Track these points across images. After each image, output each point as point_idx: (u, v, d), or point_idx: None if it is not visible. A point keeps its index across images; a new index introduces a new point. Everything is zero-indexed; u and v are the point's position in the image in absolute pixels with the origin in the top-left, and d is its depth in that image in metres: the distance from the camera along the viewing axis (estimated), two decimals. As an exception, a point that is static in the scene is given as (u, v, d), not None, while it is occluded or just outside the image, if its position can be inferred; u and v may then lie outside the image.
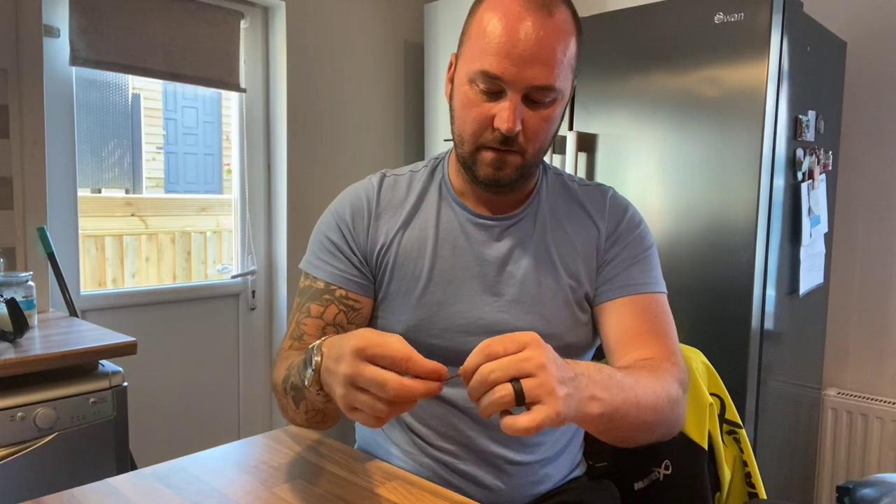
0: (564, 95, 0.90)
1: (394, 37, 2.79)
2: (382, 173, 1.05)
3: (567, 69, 0.88)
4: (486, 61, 0.85)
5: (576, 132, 1.94)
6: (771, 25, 1.60)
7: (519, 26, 0.84)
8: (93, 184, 2.27)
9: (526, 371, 0.62)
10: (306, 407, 0.85)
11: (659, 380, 0.84)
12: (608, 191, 1.05)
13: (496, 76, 0.85)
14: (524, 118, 0.87)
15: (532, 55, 0.84)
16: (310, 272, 1.00)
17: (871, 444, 2.10)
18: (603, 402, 0.70)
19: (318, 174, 2.55)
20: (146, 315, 2.23)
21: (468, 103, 0.89)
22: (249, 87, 2.43)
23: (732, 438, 1.09)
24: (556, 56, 0.85)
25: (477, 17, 0.89)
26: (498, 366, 0.62)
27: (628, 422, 0.76)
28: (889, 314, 2.12)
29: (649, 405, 0.79)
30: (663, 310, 0.96)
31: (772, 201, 1.69)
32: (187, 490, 0.85)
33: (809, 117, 1.84)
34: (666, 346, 0.92)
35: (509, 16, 0.84)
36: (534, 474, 0.98)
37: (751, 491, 1.09)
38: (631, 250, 0.98)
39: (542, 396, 0.61)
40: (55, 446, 1.41)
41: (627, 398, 0.75)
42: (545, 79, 0.85)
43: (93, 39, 1.99)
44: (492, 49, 0.85)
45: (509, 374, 0.62)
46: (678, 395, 0.86)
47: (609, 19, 1.91)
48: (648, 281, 0.97)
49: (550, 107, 0.89)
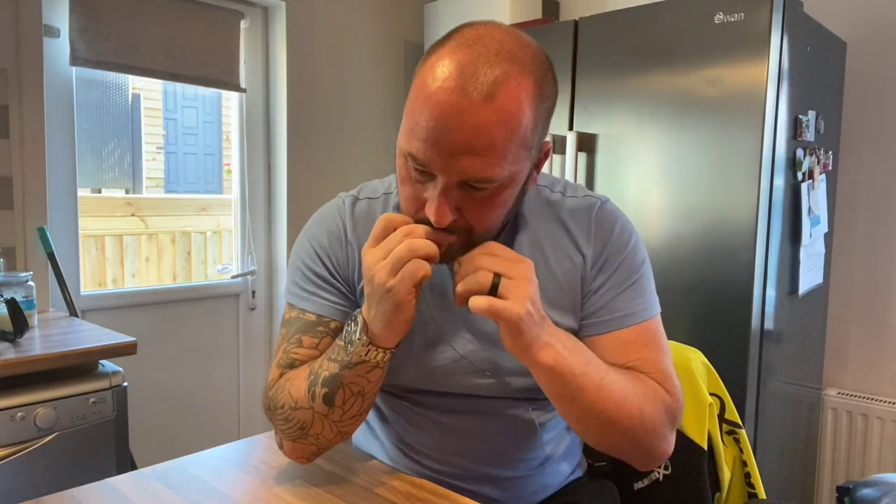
0: (515, 178, 0.77)
1: (394, 37, 2.79)
2: (353, 196, 0.97)
3: (518, 150, 0.74)
4: (413, 144, 0.74)
5: (576, 132, 1.94)
6: (771, 25, 1.60)
7: (450, 112, 0.71)
8: (93, 184, 2.27)
9: (509, 274, 0.71)
10: (343, 397, 0.83)
11: (638, 387, 0.82)
12: (595, 205, 0.92)
13: (423, 164, 0.74)
14: (460, 204, 0.76)
15: (464, 147, 0.71)
16: (296, 304, 0.93)
17: (871, 444, 2.10)
18: (559, 356, 0.76)
19: (318, 174, 2.55)
20: (146, 315, 2.23)
21: (403, 178, 0.80)
22: (249, 87, 2.43)
23: (732, 438, 1.09)
24: (495, 146, 0.72)
25: (418, 77, 0.76)
26: (489, 260, 0.72)
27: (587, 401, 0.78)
28: (889, 314, 2.12)
29: (614, 397, 0.79)
30: (654, 336, 0.89)
31: (772, 201, 1.69)
32: (187, 490, 0.85)
33: (809, 117, 1.84)
34: (659, 372, 0.87)
35: (442, 94, 0.71)
36: (533, 485, 0.97)
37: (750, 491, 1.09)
38: (618, 277, 0.89)
39: (513, 297, 0.71)
40: (55, 446, 1.41)
41: (589, 373, 0.78)
42: (480, 172, 0.73)
43: (93, 39, 1.99)
44: (420, 132, 0.73)
45: (495, 269, 0.71)
46: (658, 419, 0.82)
47: (609, 19, 1.91)
48: (637, 309, 0.89)
49: (495, 192, 0.76)
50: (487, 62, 0.71)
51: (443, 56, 0.74)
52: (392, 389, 0.97)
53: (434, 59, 0.75)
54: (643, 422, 0.82)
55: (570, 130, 1.97)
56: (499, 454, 0.94)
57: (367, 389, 0.84)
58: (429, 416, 0.94)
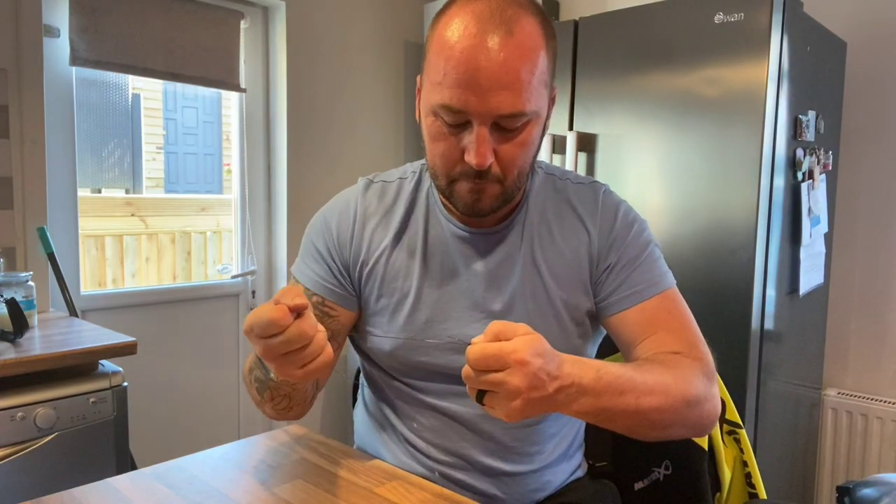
0: (539, 115, 0.85)
1: (394, 37, 2.79)
2: (369, 179, 1.02)
3: (539, 86, 0.82)
4: (446, 94, 0.79)
5: (576, 132, 1.94)
6: (771, 25, 1.60)
7: (477, 52, 0.77)
8: (93, 184, 2.27)
9: (492, 388, 0.70)
10: (271, 395, 0.91)
11: (676, 379, 0.82)
12: (601, 189, 0.99)
13: (459, 110, 0.80)
14: (496, 148, 0.82)
15: (495, 83, 0.78)
16: (295, 275, 1.00)
17: (871, 444, 2.10)
18: (582, 406, 0.75)
19: (318, 174, 2.55)
20: (146, 315, 2.23)
21: (435, 136, 0.84)
22: (249, 87, 2.43)
23: (732, 438, 1.09)
24: (521, 79, 0.79)
25: (434, 40, 0.82)
26: (475, 381, 0.71)
27: (628, 422, 0.78)
28: (889, 314, 2.12)
29: (655, 403, 0.78)
30: (675, 305, 0.93)
31: (772, 201, 1.69)
32: (187, 490, 0.85)
33: (809, 117, 1.84)
34: (685, 340, 0.89)
35: (465, 41, 0.78)
36: (533, 483, 0.98)
37: (751, 491, 1.08)
38: (629, 254, 0.94)
39: (498, 406, 0.70)
40: (55, 446, 1.41)
41: (623, 400, 0.76)
42: (512, 106, 0.79)
43: (93, 39, 1.99)
44: (450, 80, 0.79)
45: (477, 388, 0.71)
46: (701, 393, 0.83)
47: (609, 19, 1.91)
48: (653, 282, 0.93)
49: (524, 131, 0.83)
50: (498, 7, 0.79)
51: (454, 15, 0.81)
52: (394, 373, 0.98)
53: (446, 18, 0.82)
54: (689, 404, 0.81)
55: (570, 130, 1.97)
56: (500, 445, 0.95)
57: (294, 394, 0.92)
58: (429, 403, 0.96)
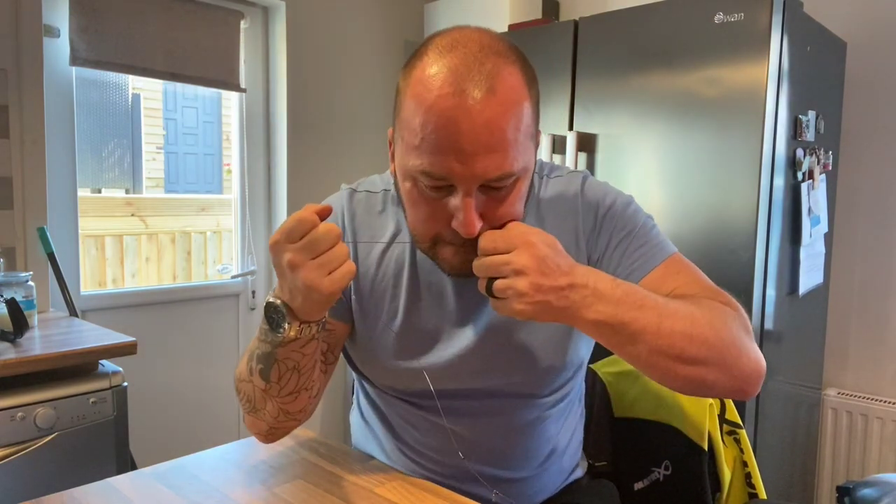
0: (528, 169, 0.78)
1: (394, 37, 2.79)
2: (352, 189, 0.97)
3: (525, 141, 0.75)
4: (426, 160, 0.72)
5: (576, 132, 1.94)
6: (771, 25, 1.60)
7: (457, 114, 0.70)
8: (93, 184, 2.27)
9: (502, 273, 0.71)
10: (278, 373, 0.81)
11: (701, 307, 0.77)
12: (578, 178, 0.93)
13: (441, 177, 0.73)
14: (484, 212, 0.75)
15: (479, 146, 0.70)
16: None
17: (871, 444, 2.10)
18: (600, 313, 0.72)
19: (318, 174, 2.55)
20: (146, 315, 2.22)
21: (415, 202, 0.78)
22: (249, 87, 2.43)
23: (732, 439, 1.09)
24: (507, 138, 0.72)
25: (409, 95, 0.74)
26: (480, 265, 0.73)
27: (650, 343, 0.73)
28: (889, 314, 2.12)
29: (680, 328, 0.73)
30: (684, 265, 0.88)
31: (772, 201, 1.69)
32: (187, 490, 0.85)
33: (809, 117, 1.84)
34: (706, 289, 0.84)
35: (444, 101, 0.70)
36: (533, 486, 0.97)
37: (751, 491, 1.08)
38: (619, 233, 0.89)
39: (510, 296, 0.71)
40: (55, 446, 1.41)
41: (644, 315, 0.72)
42: (499, 168, 0.72)
43: (93, 39, 1.99)
44: (429, 146, 0.71)
45: (488, 275, 0.72)
46: (734, 334, 0.77)
47: (609, 19, 1.91)
48: (654, 252, 0.88)
49: (513, 189, 0.76)
50: (476, 60, 0.71)
51: (428, 66, 0.73)
52: (389, 392, 0.97)
53: (418, 72, 0.74)
54: (722, 340, 0.75)
55: (570, 130, 1.97)
56: (499, 456, 0.94)
57: (303, 363, 0.82)
58: (428, 419, 0.94)
